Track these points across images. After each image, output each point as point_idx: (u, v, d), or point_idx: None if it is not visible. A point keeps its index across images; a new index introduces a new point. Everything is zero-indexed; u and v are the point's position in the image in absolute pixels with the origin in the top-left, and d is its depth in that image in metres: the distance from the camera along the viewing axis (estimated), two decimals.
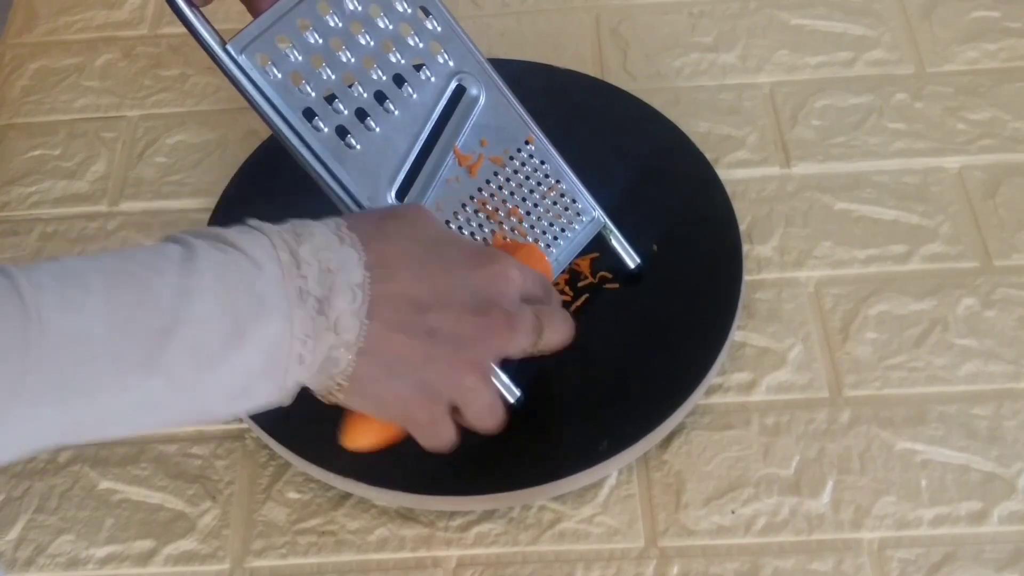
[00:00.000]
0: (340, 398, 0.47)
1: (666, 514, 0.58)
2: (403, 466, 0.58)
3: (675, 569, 0.56)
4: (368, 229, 0.47)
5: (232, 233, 0.44)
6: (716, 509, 0.58)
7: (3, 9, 0.86)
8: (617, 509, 0.58)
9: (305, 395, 0.61)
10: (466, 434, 0.59)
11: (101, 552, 0.59)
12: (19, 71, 0.81)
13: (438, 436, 0.50)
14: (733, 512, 0.58)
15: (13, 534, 0.59)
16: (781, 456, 0.59)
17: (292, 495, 0.60)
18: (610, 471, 0.59)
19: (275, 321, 0.43)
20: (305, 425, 0.60)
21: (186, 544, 0.59)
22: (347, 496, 0.60)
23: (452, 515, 0.59)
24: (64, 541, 0.59)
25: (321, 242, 0.45)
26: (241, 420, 0.62)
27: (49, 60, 0.82)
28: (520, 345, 0.50)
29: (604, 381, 0.61)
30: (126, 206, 0.73)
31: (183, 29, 0.51)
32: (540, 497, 0.58)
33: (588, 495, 0.59)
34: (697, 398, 0.60)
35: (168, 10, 0.51)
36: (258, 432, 0.61)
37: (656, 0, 0.81)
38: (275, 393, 0.45)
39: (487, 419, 0.51)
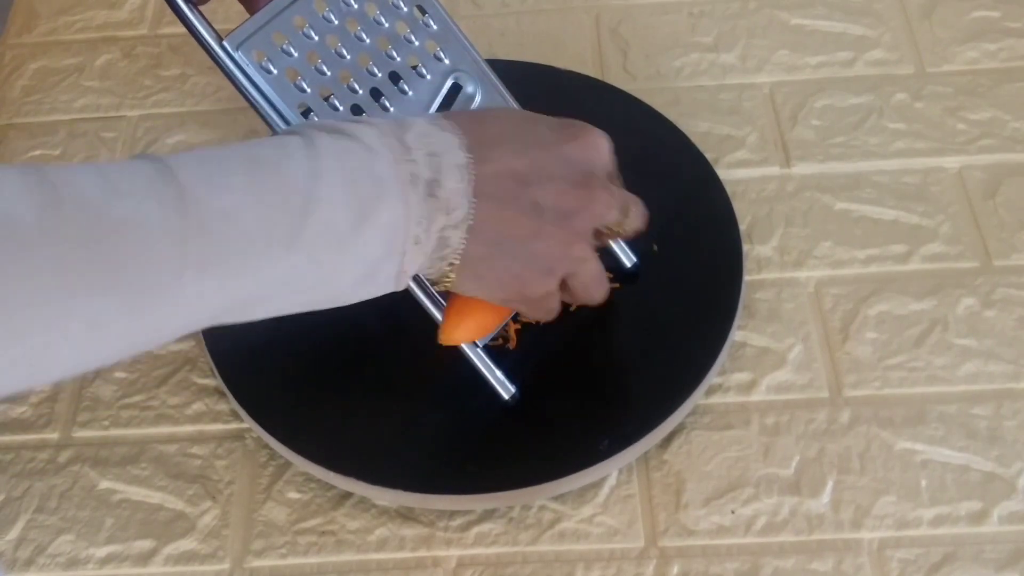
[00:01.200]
0: (452, 279, 0.49)
1: (666, 514, 0.58)
2: (403, 466, 0.58)
3: (675, 569, 0.56)
4: (463, 118, 0.49)
5: (345, 124, 0.46)
6: (716, 509, 0.58)
7: (3, 9, 0.86)
8: (617, 509, 0.58)
9: (305, 394, 0.62)
10: (466, 433, 0.59)
11: (101, 552, 0.59)
12: (19, 71, 0.81)
13: (551, 309, 0.53)
14: (733, 512, 0.58)
15: (13, 534, 0.59)
16: (781, 456, 0.59)
17: (292, 495, 0.60)
18: (610, 471, 0.59)
19: (392, 203, 0.45)
20: (305, 425, 0.60)
21: (186, 544, 0.59)
22: (347, 496, 0.60)
23: (452, 515, 0.59)
24: (64, 541, 0.59)
25: (424, 129, 0.47)
26: (241, 420, 0.62)
27: (49, 60, 0.82)
28: (615, 216, 0.52)
29: (604, 381, 0.61)
30: None
31: (183, 29, 0.51)
32: (540, 497, 0.58)
33: (588, 495, 0.59)
34: (697, 398, 0.60)
35: (168, 10, 0.51)
36: (258, 432, 0.61)
37: (656, 0, 0.81)
38: (393, 277, 0.47)
39: (595, 288, 0.53)
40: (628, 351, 0.62)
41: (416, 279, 0.53)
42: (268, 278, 0.43)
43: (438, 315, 0.55)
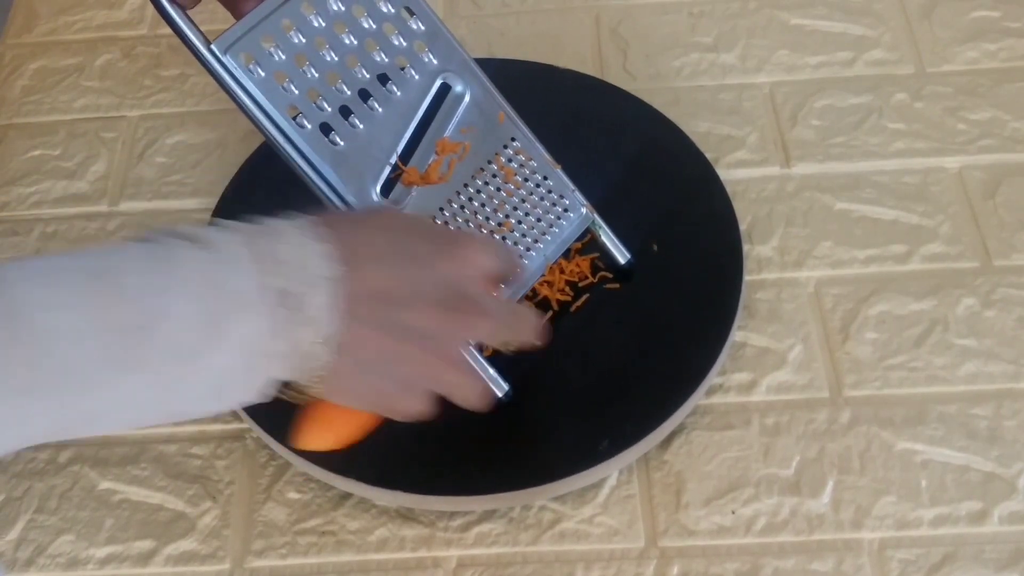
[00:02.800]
0: (318, 392, 0.47)
1: (666, 514, 0.58)
2: (403, 466, 0.58)
3: (675, 569, 0.56)
4: (340, 227, 0.47)
5: (207, 231, 0.44)
6: (716, 509, 0.58)
7: (3, 9, 0.86)
8: (617, 509, 0.58)
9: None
10: (466, 434, 0.59)
11: (101, 552, 0.59)
12: (19, 71, 0.81)
13: (417, 418, 0.51)
14: (733, 512, 0.58)
15: (13, 534, 0.59)
16: (781, 456, 0.59)
17: (292, 495, 0.60)
18: (610, 471, 0.59)
19: (251, 318, 0.43)
20: None
21: (186, 544, 0.59)
22: (347, 496, 0.60)
23: (452, 515, 0.59)
24: (64, 541, 0.59)
25: (295, 239, 0.45)
26: (241, 420, 0.62)
27: (49, 60, 0.82)
28: (492, 332, 0.50)
29: (604, 381, 0.61)
30: (126, 206, 0.73)
31: None
32: (540, 497, 0.58)
33: (588, 495, 0.59)
34: (697, 398, 0.60)
35: None
36: (258, 432, 0.61)
37: (656, 0, 0.81)
38: (252, 390, 0.45)
39: (474, 404, 0.51)
40: (628, 351, 0.62)
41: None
42: (105, 399, 0.41)
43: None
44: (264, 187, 0.69)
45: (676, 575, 0.56)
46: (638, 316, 0.63)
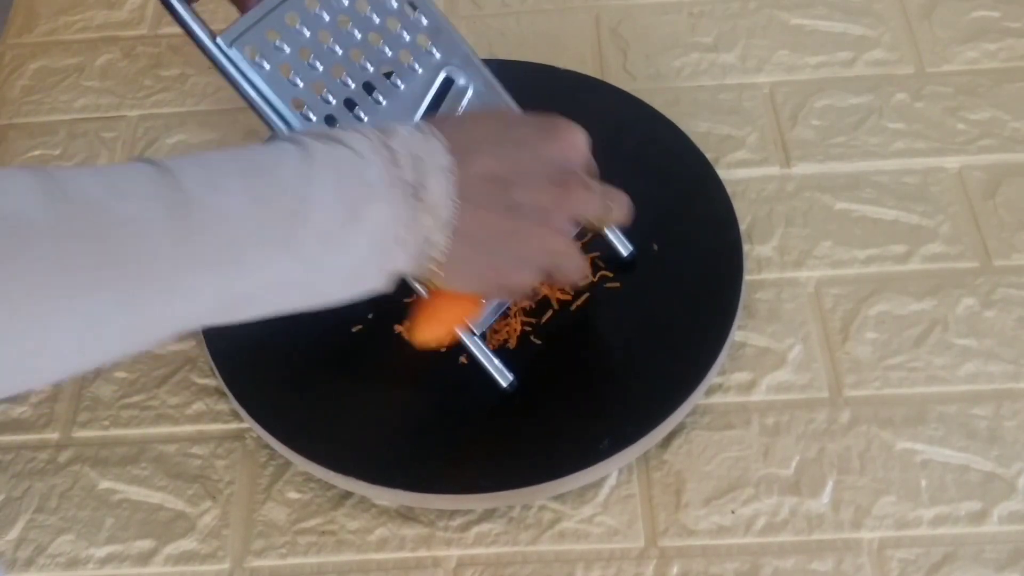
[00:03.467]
0: (439, 278, 0.50)
1: (666, 514, 0.58)
2: (403, 466, 0.58)
3: (675, 569, 0.56)
4: (443, 123, 0.50)
5: (337, 132, 0.48)
6: (716, 509, 0.58)
7: (3, 9, 0.86)
8: (617, 509, 0.58)
9: (305, 394, 0.62)
10: (466, 433, 0.59)
11: (101, 552, 0.59)
12: (19, 71, 0.81)
13: (527, 294, 0.56)
14: (733, 512, 0.58)
15: (13, 534, 0.59)
16: (781, 456, 0.59)
17: (292, 495, 0.60)
18: (610, 471, 0.59)
19: (380, 206, 0.46)
20: (305, 424, 0.60)
21: (186, 544, 0.59)
22: (347, 496, 0.60)
23: (452, 515, 0.59)
24: (64, 541, 0.59)
25: (408, 135, 0.48)
26: (241, 420, 0.62)
27: (49, 60, 0.82)
28: (594, 205, 0.53)
29: (604, 381, 0.61)
30: None
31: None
32: (540, 496, 0.58)
33: (588, 495, 0.59)
34: (697, 398, 0.60)
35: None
36: (258, 432, 0.61)
37: (656, 0, 0.81)
38: (381, 277, 0.48)
39: (575, 276, 0.55)
40: (628, 351, 0.62)
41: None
42: (262, 278, 0.44)
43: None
44: None
45: (676, 575, 0.56)
46: (638, 316, 0.63)
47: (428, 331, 0.56)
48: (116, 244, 0.40)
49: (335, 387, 0.61)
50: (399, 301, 0.57)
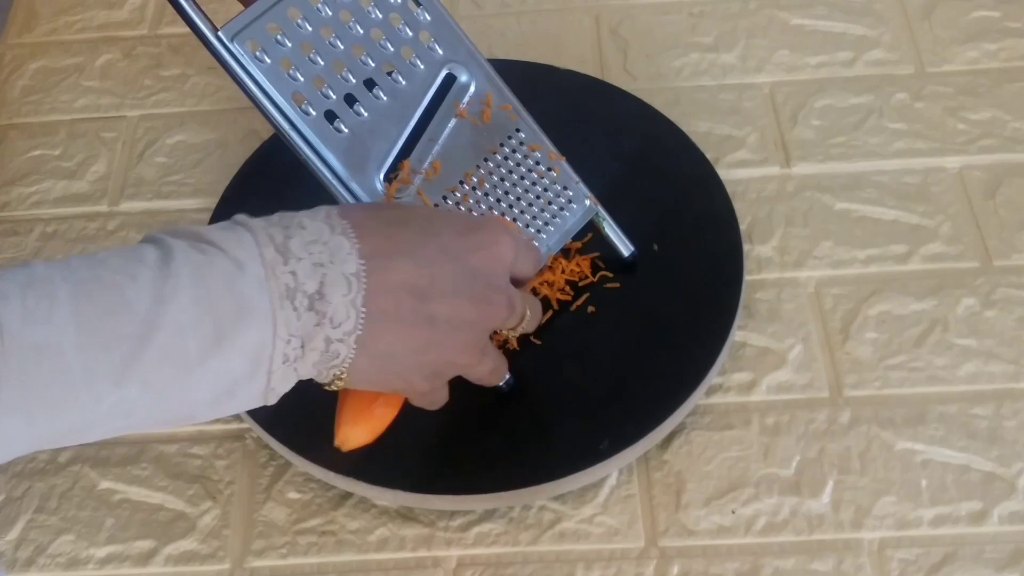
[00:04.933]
0: (342, 385, 0.48)
1: (666, 514, 0.58)
2: (403, 466, 0.58)
3: (675, 569, 0.56)
4: (361, 217, 0.46)
5: (213, 231, 0.43)
6: (716, 509, 0.58)
7: (3, 9, 0.86)
8: (617, 509, 0.58)
9: (305, 394, 0.61)
10: (466, 433, 0.59)
11: (101, 552, 0.59)
12: (19, 71, 0.81)
13: (436, 402, 0.53)
14: (733, 512, 0.58)
15: (13, 534, 0.59)
16: (781, 456, 0.59)
17: (292, 495, 0.60)
18: (610, 471, 0.59)
19: (257, 324, 0.42)
20: (306, 425, 0.60)
21: (186, 544, 0.59)
22: (347, 496, 0.60)
23: (452, 515, 0.59)
24: (64, 541, 0.59)
25: (311, 234, 0.44)
26: (241, 420, 0.62)
27: (49, 60, 0.82)
28: (512, 324, 0.52)
29: (604, 381, 0.61)
30: (126, 206, 0.73)
31: (183, 29, 0.52)
32: (540, 497, 0.58)
33: (588, 495, 0.59)
34: (697, 398, 0.60)
35: (168, 9, 0.51)
36: (258, 432, 0.61)
37: (656, 0, 0.81)
38: (259, 395, 0.44)
39: (491, 382, 0.54)
40: (628, 351, 0.62)
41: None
42: (94, 412, 0.40)
43: None
44: (264, 187, 0.69)
45: (676, 575, 0.56)
46: (638, 316, 0.63)
47: (359, 432, 0.53)
48: None
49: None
50: None
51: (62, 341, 0.39)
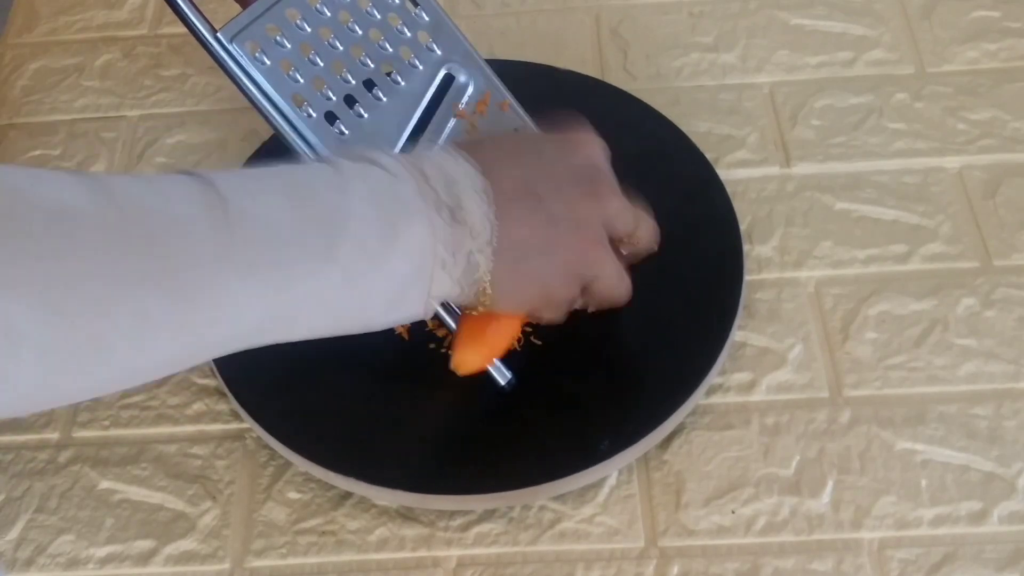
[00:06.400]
0: (488, 300, 0.50)
1: (666, 514, 0.58)
2: (403, 466, 0.58)
3: (675, 569, 0.56)
4: (467, 146, 0.50)
5: (367, 152, 0.47)
6: (716, 509, 0.58)
7: (3, 9, 0.86)
8: (617, 509, 0.58)
9: (305, 394, 0.62)
10: (466, 433, 0.59)
11: (101, 552, 0.59)
12: (19, 71, 0.81)
13: (567, 310, 0.54)
14: (733, 512, 0.58)
15: (13, 534, 0.59)
16: (781, 456, 0.59)
17: (292, 495, 0.60)
18: (610, 471, 0.59)
19: (420, 223, 0.45)
20: (306, 424, 0.60)
21: (186, 544, 0.59)
22: (347, 496, 0.60)
23: (452, 515, 0.59)
24: (64, 541, 0.59)
25: (437, 158, 0.48)
26: (241, 420, 0.62)
27: (49, 60, 0.82)
28: (627, 219, 0.53)
29: (604, 381, 0.61)
30: None
31: (183, 29, 0.52)
32: (540, 497, 0.58)
33: (588, 495, 0.59)
34: (697, 398, 0.60)
35: (168, 9, 0.51)
36: (258, 432, 0.61)
37: (656, 0, 0.81)
38: (421, 301, 0.47)
39: (617, 289, 0.54)
40: (628, 351, 0.62)
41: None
42: (305, 292, 0.43)
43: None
44: None
45: (676, 575, 0.56)
46: (638, 316, 0.63)
47: (473, 355, 0.55)
48: (160, 241, 0.40)
49: (335, 387, 0.61)
50: None
51: (279, 217, 0.43)
